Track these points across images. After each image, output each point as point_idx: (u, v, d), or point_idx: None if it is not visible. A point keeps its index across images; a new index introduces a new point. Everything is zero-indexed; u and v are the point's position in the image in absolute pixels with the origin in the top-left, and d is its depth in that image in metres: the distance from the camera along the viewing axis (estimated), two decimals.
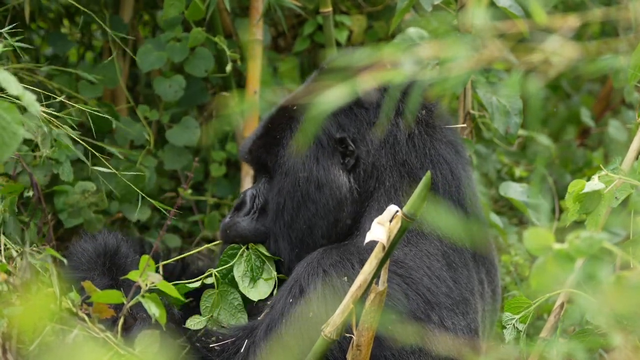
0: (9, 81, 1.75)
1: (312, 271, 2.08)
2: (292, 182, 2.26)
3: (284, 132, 2.29)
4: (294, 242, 2.27)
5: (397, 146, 2.24)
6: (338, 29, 3.03)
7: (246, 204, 2.34)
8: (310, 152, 2.25)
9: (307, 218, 2.25)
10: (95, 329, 1.75)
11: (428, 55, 1.60)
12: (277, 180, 2.29)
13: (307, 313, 2.02)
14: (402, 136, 2.24)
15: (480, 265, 2.31)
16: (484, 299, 2.29)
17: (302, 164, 2.25)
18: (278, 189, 2.28)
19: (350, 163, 2.24)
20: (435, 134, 2.28)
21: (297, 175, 2.25)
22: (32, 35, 3.08)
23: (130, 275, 1.83)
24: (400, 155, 2.24)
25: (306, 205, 2.25)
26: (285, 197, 2.26)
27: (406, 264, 2.13)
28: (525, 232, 1.44)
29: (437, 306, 2.11)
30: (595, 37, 3.80)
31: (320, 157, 2.25)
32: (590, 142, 3.87)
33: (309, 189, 2.24)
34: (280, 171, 2.28)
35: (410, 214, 1.81)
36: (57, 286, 1.82)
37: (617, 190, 2.05)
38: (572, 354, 1.97)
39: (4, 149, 1.71)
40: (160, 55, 2.81)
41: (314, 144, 2.25)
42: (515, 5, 2.48)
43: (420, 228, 2.20)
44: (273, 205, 2.29)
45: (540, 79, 1.61)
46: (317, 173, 2.24)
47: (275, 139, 2.30)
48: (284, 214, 2.26)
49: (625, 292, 1.49)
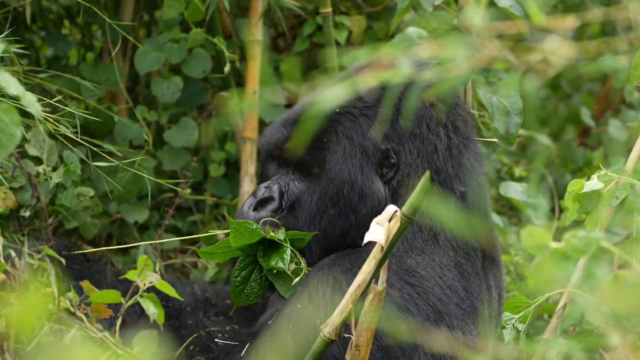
0: (8, 82, 1.75)
1: (322, 277, 2.06)
2: (336, 189, 2.22)
3: (330, 136, 2.24)
4: (324, 249, 2.23)
5: (434, 155, 2.24)
6: (338, 30, 3.03)
7: (274, 200, 2.27)
8: (356, 161, 2.22)
9: (345, 227, 2.22)
10: (93, 328, 1.75)
11: (428, 55, 1.60)
12: (320, 184, 2.24)
13: (315, 320, 2.01)
14: (442, 146, 2.25)
15: (488, 271, 2.31)
16: (491, 305, 2.29)
17: (348, 172, 2.21)
18: (320, 194, 2.23)
19: (389, 175, 2.23)
20: (468, 145, 2.29)
21: (343, 183, 2.21)
22: (33, 37, 3.09)
23: (128, 275, 1.83)
24: (437, 164, 2.24)
25: (347, 214, 2.22)
26: (327, 203, 2.22)
27: (418, 273, 2.12)
28: (523, 230, 1.44)
29: (447, 316, 2.10)
30: (595, 37, 3.79)
31: (365, 167, 2.22)
32: (590, 142, 3.87)
33: (352, 198, 2.21)
34: (325, 177, 2.23)
35: (410, 214, 1.80)
36: (55, 286, 1.82)
37: (617, 190, 2.05)
38: (572, 353, 1.97)
39: (0, 150, 1.71)
40: (158, 56, 2.81)
41: (360, 153, 2.22)
42: (515, 5, 2.47)
43: (435, 237, 2.20)
44: (311, 208, 2.24)
45: (539, 78, 1.61)
46: (362, 183, 2.21)
47: (322, 142, 2.24)
48: (322, 219, 2.23)
49: (623, 291, 1.48)
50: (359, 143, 2.22)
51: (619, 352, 1.76)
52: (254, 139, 2.87)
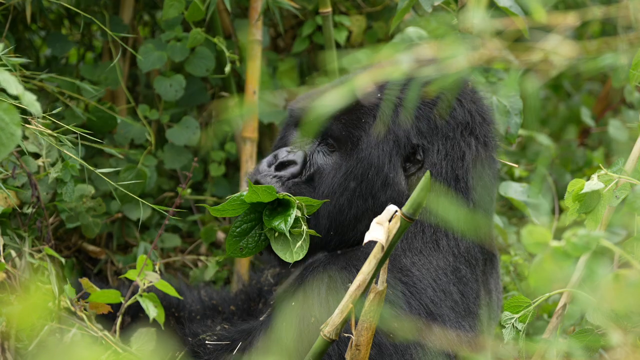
0: (8, 81, 1.75)
1: (317, 276, 2.06)
2: (363, 170, 2.22)
3: (368, 118, 2.24)
4: (334, 227, 2.22)
5: (459, 162, 2.25)
6: (337, 30, 3.02)
7: (297, 164, 2.26)
8: (387, 148, 2.22)
9: (361, 210, 2.22)
10: (93, 327, 1.75)
11: (428, 55, 1.60)
12: (348, 161, 2.23)
13: (309, 318, 2.02)
14: (470, 155, 2.26)
15: (489, 276, 2.31)
16: (491, 308, 2.29)
17: (377, 157, 2.22)
18: (346, 171, 2.22)
19: (411, 170, 2.24)
20: (492, 164, 2.31)
21: (370, 166, 2.21)
22: (33, 36, 3.09)
23: (128, 275, 1.83)
24: (460, 172, 2.24)
25: (366, 197, 2.22)
26: (351, 182, 2.21)
27: (412, 272, 2.12)
28: (523, 229, 1.44)
29: (439, 317, 2.11)
30: (595, 36, 3.79)
31: (394, 157, 2.23)
32: (590, 142, 3.87)
33: (375, 183, 2.22)
34: (356, 156, 2.22)
35: (410, 214, 1.81)
36: (55, 285, 1.82)
37: (617, 190, 2.05)
38: (572, 352, 1.97)
39: (1, 149, 1.71)
40: (161, 55, 2.81)
41: (392, 142, 2.23)
42: (515, 5, 2.48)
43: (436, 242, 2.21)
44: (334, 182, 2.23)
45: (540, 78, 1.61)
46: (387, 171, 2.22)
47: (359, 122, 2.23)
48: (342, 196, 2.22)
49: (623, 290, 1.48)
50: (393, 132, 2.23)
51: (619, 351, 1.76)
52: (254, 139, 2.87)
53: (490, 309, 2.28)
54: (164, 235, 2.92)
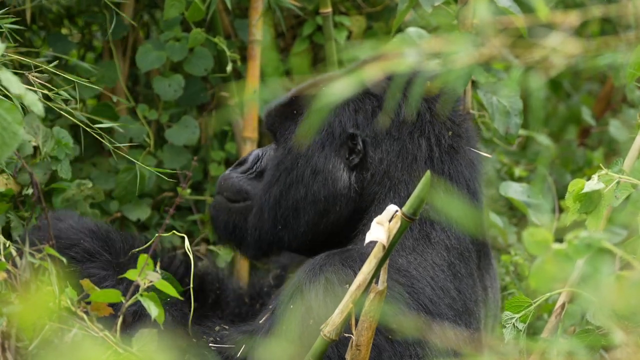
0: (10, 81, 1.76)
1: (314, 277, 2.07)
2: (292, 160, 2.27)
3: (303, 109, 2.29)
4: (278, 219, 2.29)
5: (414, 164, 2.24)
6: (337, 30, 3.02)
7: (247, 162, 2.40)
8: (319, 138, 2.25)
9: (296, 199, 2.26)
10: (95, 327, 1.75)
11: (429, 51, 1.60)
12: (280, 152, 2.30)
13: (308, 320, 2.02)
14: (422, 156, 2.25)
15: (485, 272, 2.31)
16: (487, 306, 2.28)
17: (307, 146, 2.25)
18: (278, 162, 2.30)
19: (354, 161, 2.24)
20: (456, 156, 2.28)
21: (299, 156, 2.26)
22: (33, 37, 3.08)
23: (128, 274, 1.82)
24: (417, 173, 2.24)
25: (297, 186, 2.26)
26: (281, 172, 2.28)
27: (409, 272, 2.12)
28: (525, 231, 1.44)
29: (438, 317, 2.10)
30: (595, 36, 3.79)
31: (327, 146, 2.25)
32: (590, 142, 3.87)
33: (304, 171, 2.26)
34: (285, 145, 2.29)
35: (410, 214, 1.81)
36: (56, 285, 1.81)
37: (617, 190, 2.05)
38: (574, 352, 1.97)
39: (3, 148, 1.72)
40: (160, 54, 2.81)
41: (326, 132, 2.25)
42: (514, 5, 2.48)
43: (427, 236, 2.20)
44: (269, 175, 2.31)
45: (541, 76, 1.61)
46: (317, 159, 2.25)
47: (292, 113, 2.30)
48: (274, 187, 2.28)
49: (625, 291, 1.48)
50: (327, 121, 2.24)
51: (620, 352, 1.76)
52: (254, 139, 2.87)
53: (486, 306, 2.28)
54: (163, 235, 2.92)
